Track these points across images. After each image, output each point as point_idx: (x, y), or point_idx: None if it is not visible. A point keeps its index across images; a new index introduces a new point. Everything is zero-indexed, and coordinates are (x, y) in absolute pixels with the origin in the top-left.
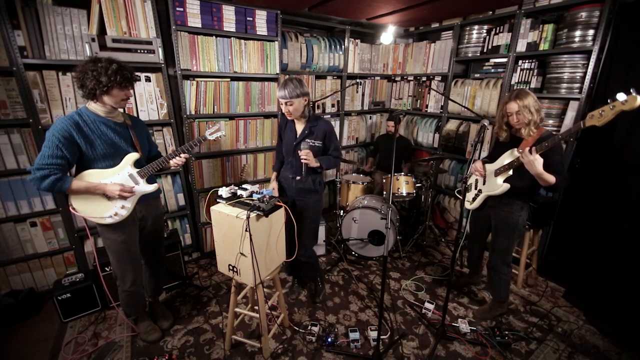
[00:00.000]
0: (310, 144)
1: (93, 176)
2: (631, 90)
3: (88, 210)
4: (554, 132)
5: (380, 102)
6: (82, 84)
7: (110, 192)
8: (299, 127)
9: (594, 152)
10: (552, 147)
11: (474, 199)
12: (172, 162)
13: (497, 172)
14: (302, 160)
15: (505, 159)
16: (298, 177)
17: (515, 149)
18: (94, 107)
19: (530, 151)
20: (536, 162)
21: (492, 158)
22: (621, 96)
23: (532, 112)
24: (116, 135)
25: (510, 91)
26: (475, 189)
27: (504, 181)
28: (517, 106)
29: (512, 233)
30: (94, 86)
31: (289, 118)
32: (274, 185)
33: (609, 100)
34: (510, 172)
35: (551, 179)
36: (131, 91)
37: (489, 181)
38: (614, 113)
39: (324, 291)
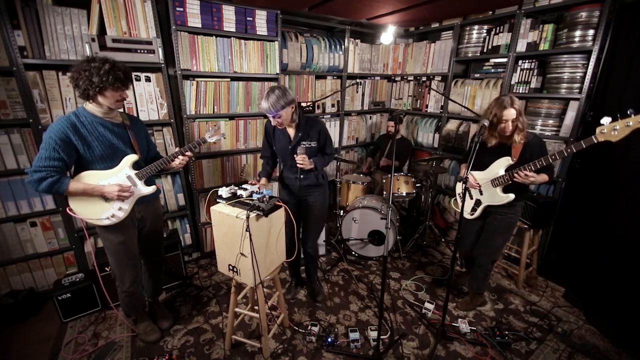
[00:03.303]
0: (306, 146)
1: (90, 178)
2: None
3: (85, 211)
4: (536, 133)
5: (380, 102)
6: (76, 84)
7: (108, 193)
8: (291, 130)
9: (593, 152)
10: (541, 153)
11: (473, 209)
12: (175, 162)
13: (496, 183)
14: (298, 166)
15: (499, 168)
16: (302, 176)
17: (509, 157)
18: (90, 107)
19: (527, 173)
20: (538, 180)
21: (477, 165)
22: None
23: (524, 117)
24: (114, 137)
25: (497, 99)
26: (471, 198)
27: (505, 190)
28: (516, 112)
29: (509, 231)
30: (86, 86)
31: (280, 128)
32: (263, 182)
33: (618, 116)
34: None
35: (545, 178)
36: (127, 92)
37: (487, 192)
38: (630, 130)
39: (322, 290)
